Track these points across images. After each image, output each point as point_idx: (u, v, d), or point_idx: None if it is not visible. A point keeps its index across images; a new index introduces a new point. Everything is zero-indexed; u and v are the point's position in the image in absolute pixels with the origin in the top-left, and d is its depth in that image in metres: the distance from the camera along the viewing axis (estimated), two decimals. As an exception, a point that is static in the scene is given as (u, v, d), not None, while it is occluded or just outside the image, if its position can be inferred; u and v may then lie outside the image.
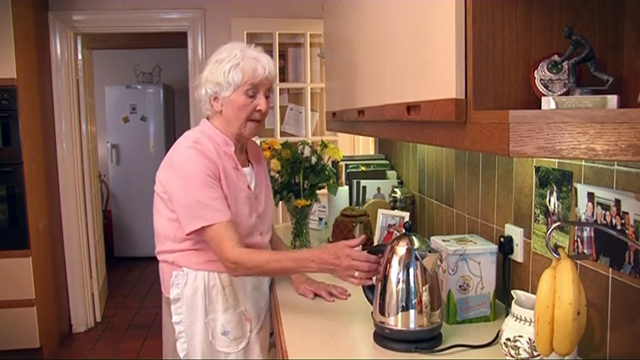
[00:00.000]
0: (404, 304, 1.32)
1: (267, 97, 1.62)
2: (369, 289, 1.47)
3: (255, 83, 1.57)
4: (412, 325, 1.32)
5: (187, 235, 1.54)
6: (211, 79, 1.58)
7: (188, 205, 1.52)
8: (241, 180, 1.64)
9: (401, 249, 1.35)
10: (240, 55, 1.56)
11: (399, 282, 1.33)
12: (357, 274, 1.43)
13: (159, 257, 1.67)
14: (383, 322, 1.36)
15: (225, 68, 1.55)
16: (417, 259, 1.33)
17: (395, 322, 1.33)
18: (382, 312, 1.36)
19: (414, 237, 1.37)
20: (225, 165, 1.58)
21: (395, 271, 1.34)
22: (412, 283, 1.32)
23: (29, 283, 3.21)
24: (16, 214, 3.22)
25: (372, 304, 1.43)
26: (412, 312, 1.32)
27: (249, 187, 1.67)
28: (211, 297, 1.60)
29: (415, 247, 1.34)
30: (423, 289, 1.32)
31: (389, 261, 1.36)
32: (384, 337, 1.36)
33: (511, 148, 0.80)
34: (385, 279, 1.36)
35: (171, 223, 1.59)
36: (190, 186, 1.52)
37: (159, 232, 1.65)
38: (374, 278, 1.44)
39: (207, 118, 1.68)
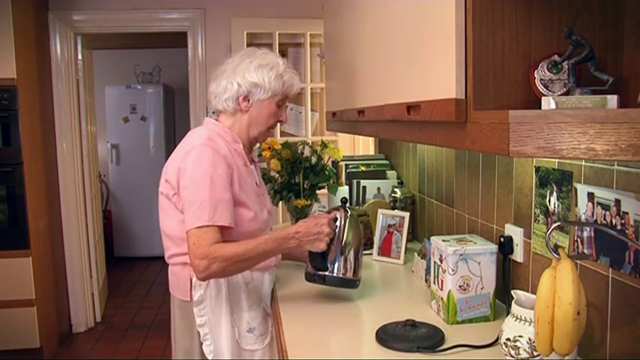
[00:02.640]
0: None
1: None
2: (322, 255, 1.59)
3: (288, 95, 1.68)
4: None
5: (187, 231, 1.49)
6: (249, 79, 1.61)
7: (193, 200, 1.48)
8: (250, 177, 1.66)
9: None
10: (283, 67, 1.65)
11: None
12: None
13: (172, 261, 1.63)
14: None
15: (270, 74, 1.62)
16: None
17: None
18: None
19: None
20: (236, 162, 1.59)
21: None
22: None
23: (29, 283, 3.21)
24: (16, 214, 3.21)
25: (325, 269, 1.59)
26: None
27: (257, 184, 1.69)
28: (235, 295, 1.59)
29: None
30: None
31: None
32: (387, 338, 1.36)
33: (511, 148, 0.80)
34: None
35: None
36: (202, 182, 1.48)
37: (172, 235, 1.59)
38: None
39: (214, 115, 1.67)
